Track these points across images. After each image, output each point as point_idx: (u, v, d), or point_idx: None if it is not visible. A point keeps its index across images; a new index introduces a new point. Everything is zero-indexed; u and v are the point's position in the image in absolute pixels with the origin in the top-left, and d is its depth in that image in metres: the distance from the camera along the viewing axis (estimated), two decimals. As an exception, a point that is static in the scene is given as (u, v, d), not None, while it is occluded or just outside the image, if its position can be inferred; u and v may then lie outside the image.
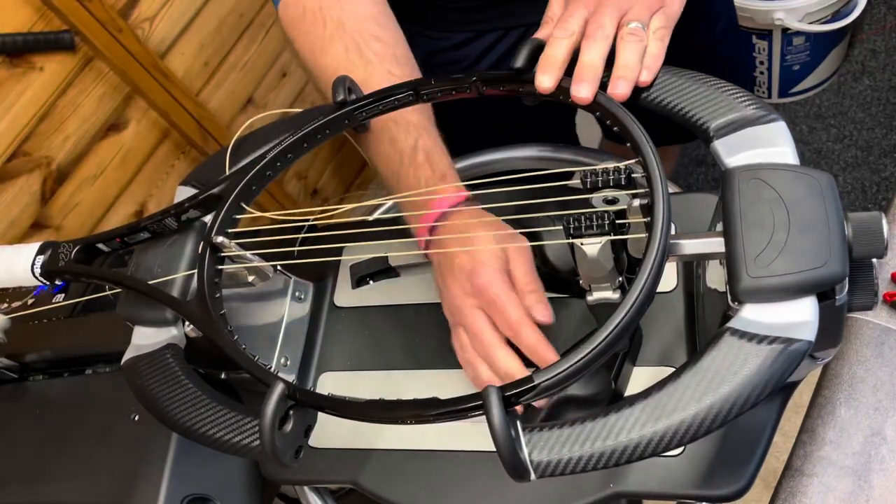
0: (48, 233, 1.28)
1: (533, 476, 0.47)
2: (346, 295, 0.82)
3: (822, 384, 0.83)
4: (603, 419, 0.47)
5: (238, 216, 0.68)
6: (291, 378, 0.78)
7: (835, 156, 1.83)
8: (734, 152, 0.54)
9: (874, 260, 0.53)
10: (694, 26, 0.82)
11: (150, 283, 0.68)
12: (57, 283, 0.76)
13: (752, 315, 0.47)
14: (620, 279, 0.58)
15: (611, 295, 0.59)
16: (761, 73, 1.90)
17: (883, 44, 1.94)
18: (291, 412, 0.56)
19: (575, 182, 0.57)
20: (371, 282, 0.82)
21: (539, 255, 0.69)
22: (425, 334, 0.77)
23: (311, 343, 0.81)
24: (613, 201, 0.55)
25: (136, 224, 0.71)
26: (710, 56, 1.05)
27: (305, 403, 0.56)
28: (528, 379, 0.48)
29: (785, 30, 1.75)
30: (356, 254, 0.81)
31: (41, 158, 1.24)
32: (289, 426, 0.56)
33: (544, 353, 0.63)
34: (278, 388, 0.54)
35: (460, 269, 0.67)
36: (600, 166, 0.54)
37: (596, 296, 0.59)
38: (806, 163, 1.85)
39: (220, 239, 0.64)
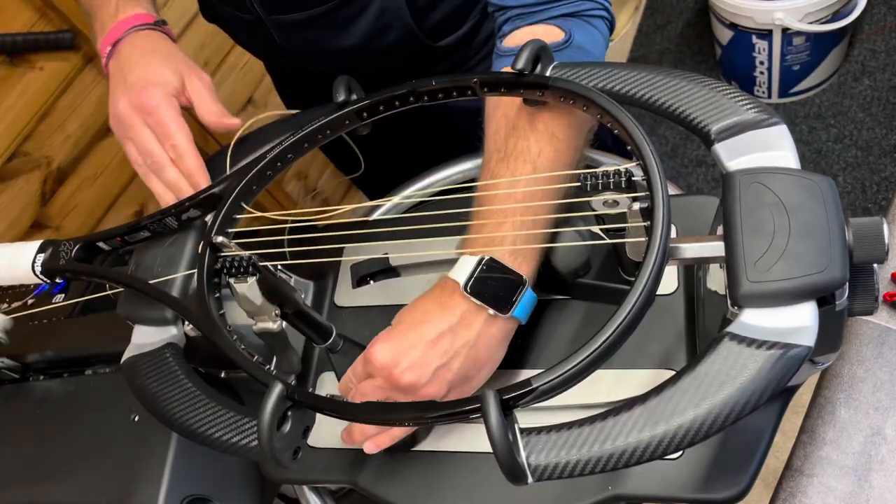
0: (48, 233, 1.28)
1: (530, 479, 0.47)
2: (346, 295, 0.82)
3: (821, 384, 0.83)
4: (601, 423, 0.47)
5: (238, 216, 0.68)
6: (290, 378, 0.78)
7: (835, 156, 1.83)
8: (735, 156, 0.54)
9: (875, 264, 0.53)
10: None
11: (150, 282, 0.68)
12: (57, 282, 0.76)
13: (752, 320, 0.47)
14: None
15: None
16: (761, 73, 1.90)
17: (883, 44, 1.94)
18: (290, 413, 0.56)
19: (576, 184, 0.57)
20: (371, 282, 0.82)
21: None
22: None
23: (311, 343, 0.81)
24: (614, 204, 0.55)
25: (137, 223, 0.71)
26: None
27: (304, 404, 0.56)
28: (527, 382, 0.48)
29: (785, 30, 1.75)
30: (356, 254, 0.81)
31: (41, 158, 1.24)
32: (287, 427, 0.56)
33: (199, 178, 0.72)
34: (277, 389, 0.54)
35: (131, 85, 0.74)
36: (600, 169, 0.54)
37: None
38: (806, 163, 1.85)
39: (219, 238, 0.64)
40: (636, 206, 0.54)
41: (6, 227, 1.21)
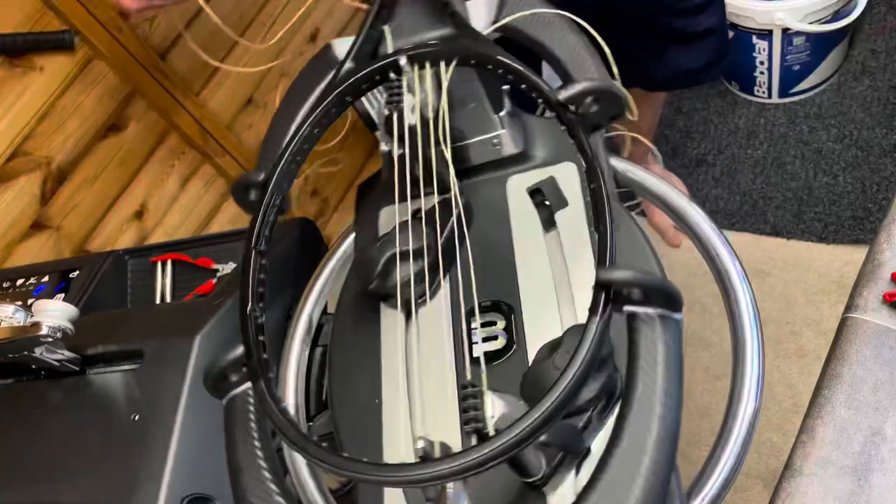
0: (48, 233, 1.28)
1: None
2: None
3: (822, 384, 0.83)
4: None
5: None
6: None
7: (835, 156, 1.83)
8: None
9: None
10: None
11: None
12: (58, 281, 0.76)
13: None
14: None
15: None
16: (761, 73, 1.90)
17: (883, 44, 1.94)
18: None
19: None
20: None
21: None
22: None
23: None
24: None
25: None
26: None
27: None
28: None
29: (785, 30, 1.75)
30: None
31: (41, 158, 1.24)
32: None
33: None
34: None
35: None
36: None
37: None
38: (806, 162, 1.85)
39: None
40: None
41: (6, 228, 1.21)
